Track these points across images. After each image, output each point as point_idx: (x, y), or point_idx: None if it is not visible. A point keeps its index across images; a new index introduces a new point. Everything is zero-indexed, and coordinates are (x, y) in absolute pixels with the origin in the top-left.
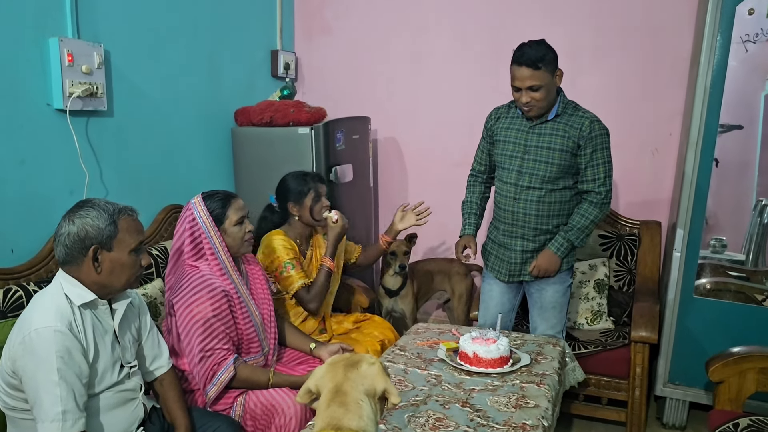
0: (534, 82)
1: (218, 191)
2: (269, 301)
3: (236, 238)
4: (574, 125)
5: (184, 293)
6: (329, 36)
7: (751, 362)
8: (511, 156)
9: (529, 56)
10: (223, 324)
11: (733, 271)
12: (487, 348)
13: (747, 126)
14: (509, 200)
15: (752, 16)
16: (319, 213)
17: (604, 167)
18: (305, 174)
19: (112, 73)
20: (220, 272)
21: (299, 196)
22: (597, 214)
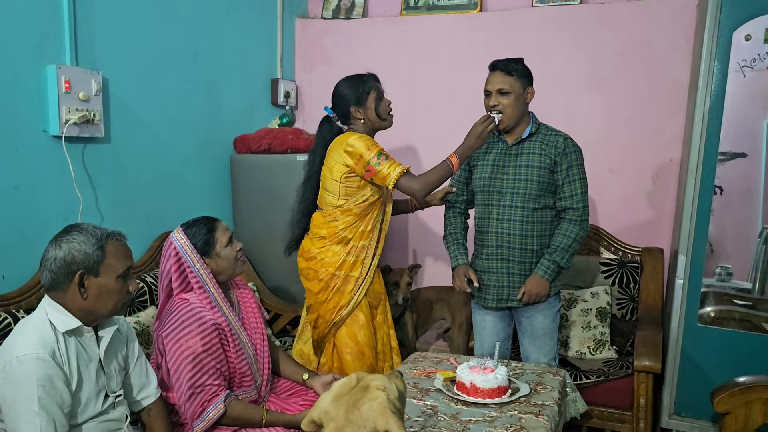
0: (503, 86)
1: (199, 218)
2: (262, 329)
3: (230, 258)
4: (549, 143)
5: (173, 327)
6: (329, 65)
7: (758, 392)
8: (491, 178)
9: (504, 63)
10: (214, 359)
11: (738, 299)
12: (484, 377)
13: (751, 154)
14: (492, 221)
15: (749, 42)
16: (385, 111)
17: (580, 183)
18: (360, 75)
19: (110, 100)
20: (209, 305)
21: (361, 98)
22: (578, 232)
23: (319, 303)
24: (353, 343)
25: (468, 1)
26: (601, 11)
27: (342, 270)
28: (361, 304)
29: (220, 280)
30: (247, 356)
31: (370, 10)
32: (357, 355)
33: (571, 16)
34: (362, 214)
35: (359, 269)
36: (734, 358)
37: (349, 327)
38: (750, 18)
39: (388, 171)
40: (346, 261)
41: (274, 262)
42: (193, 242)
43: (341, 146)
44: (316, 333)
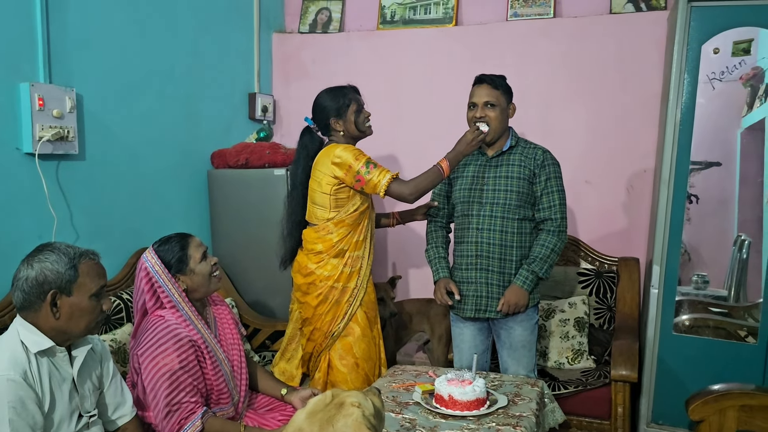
0: (491, 99)
1: (172, 235)
2: (239, 345)
3: (204, 274)
4: (528, 155)
5: (149, 344)
6: (307, 79)
7: (731, 400)
8: (471, 189)
9: (490, 77)
10: (191, 376)
11: (714, 306)
12: (462, 390)
13: (725, 163)
14: (472, 231)
15: (717, 55)
16: (363, 123)
17: (558, 194)
18: (341, 87)
19: (85, 116)
20: (184, 322)
21: (341, 110)
22: (556, 242)
23: (318, 316)
24: (349, 355)
25: (444, 15)
26: (574, 25)
27: (340, 282)
28: (356, 315)
29: (195, 297)
30: (224, 373)
31: (347, 24)
32: (352, 367)
33: (545, 30)
34: (355, 224)
35: (355, 279)
36: (709, 366)
37: (345, 339)
38: (718, 32)
39: (378, 179)
40: (344, 272)
41: (252, 277)
42: (166, 260)
43: (328, 158)
44: (311, 345)
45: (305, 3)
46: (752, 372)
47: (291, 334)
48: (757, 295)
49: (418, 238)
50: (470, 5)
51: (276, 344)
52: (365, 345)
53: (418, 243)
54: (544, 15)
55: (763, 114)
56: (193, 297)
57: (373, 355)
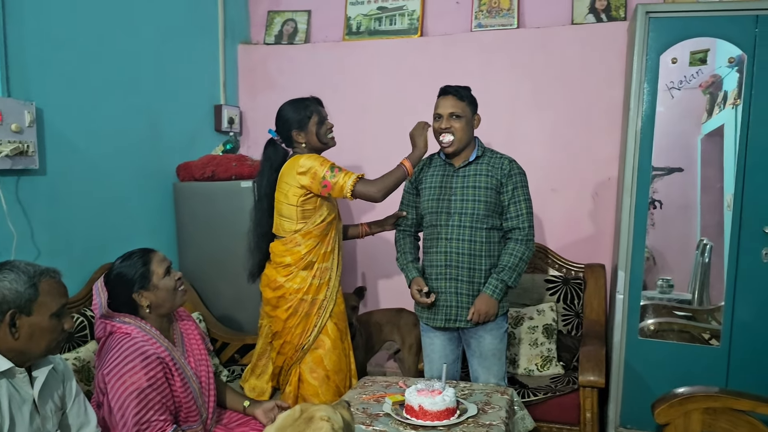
0: (456, 110)
1: (133, 251)
2: (207, 361)
3: (168, 289)
4: (495, 165)
5: (115, 363)
6: (273, 90)
7: (695, 402)
8: (438, 199)
9: (455, 88)
10: (159, 393)
11: (678, 310)
12: (432, 400)
13: (687, 168)
14: (441, 241)
15: (675, 64)
16: (325, 135)
17: (525, 203)
18: (303, 99)
19: (45, 130)
20: (150, 340)
21: (302, 122)
22: (524, 251)
23: (288, 329)
24: (320, 367)
25: (409, 26)
26: (537, 36)
27: (309, 294)
28: (326, 327)
29: (161, 312)
30: (192, 390)
31: (313, 35)
32: (323, 380)
33: (509, 41)
34: (322, 235)
35: (324, 291)
36: (675, 370)
37: (315, 351)
38: (675, 42)
39: (343, 180)
40: (312, 284)
41: (220, 290)
42: (128, 276)
43: (293, 169)
44: (281, 359)
45: (271, 14)
46: (716, 374)
47: (261, 350)
48: (720, 298)
49: (386, 249)
50: (435, 16)
51: (245, 358)
52: (336, 357)
53: (386, 253)
54: (507, 26)
55: (722, 120)
56: (158, 313)
57: (344, 367)
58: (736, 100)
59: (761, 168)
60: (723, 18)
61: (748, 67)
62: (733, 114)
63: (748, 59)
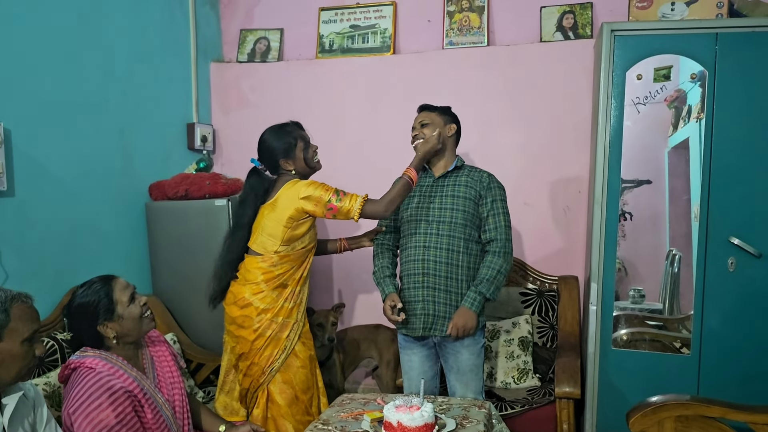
0: (425, 120)
1: (93, 280)
2: (180, 384)
3: (134, 317)
4: (474, 177)
5: (81, 401)
6: (247, 108)
7: (668, 411)
8: (417, 207)
9: (426, 104)
10: (130, 429)
11: (650, 320)
12: (411, 416)
13: (655, 180)
14: (419, 249)
15: (641, 81)
16: (312, 159)
17: (503, 216)
18: (284, 125)
19: (13, 151)
20: (117, 372)
21: (289, 150)
22: (502, 264)
23: (256, 350)
24: (288, 387)
25: (381, 44)
26: (508, 53)
27: (280, 316)
28: (295, 348)
29: (128, 341)
30: (165, 418)
31: (286, 53)
32: (292, 400)
33: (480, 58)
34: (299, 260)
35: (296, 314)
36: (648, 379)
37: (284, 372)
38: (640, 59)
39: (350, 205)
40: (285, 307)
41: (194, 310)
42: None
43: (295, 195)
44: (248, 380)
45: (243, 32)
46: (687, 382)
47: (227, 366)
48: (690, 307)
49: (363, 265)
50: (407, 34)
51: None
52: (304, 376)
53: (363, 269)
54: (478, 43)
55: (687, 134)
56: (125, 341)
57: (311, 385)
58: (699, 114)
59: (725, 179)
60: (685, 36)
61: (710, 82)
62: (697, 127)
63: (710, 75)
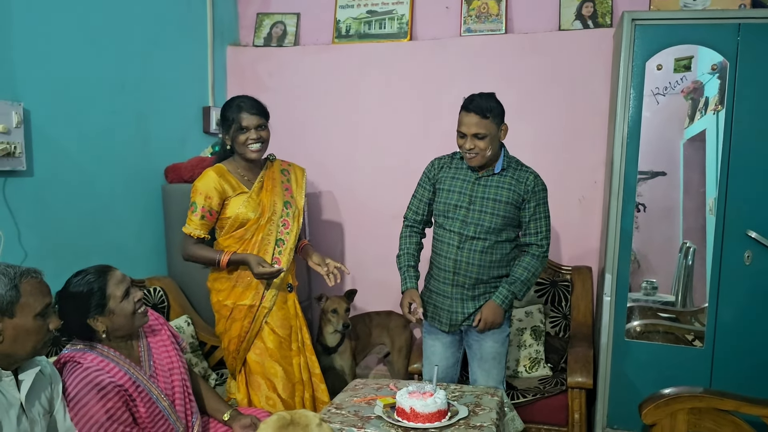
0: (480, 130)
1: (87, 270)
2: (179, 369)
3: (127, 313)
4: (520, 179)
5: (69, 397)
6: (263, 92)
7: (681, 403)
8: (456, 206)
9: (479, 104)
10: (121, 424)
11: (663, 312)
12: (424, 402)
13: (670, 172)
14: (452, 248)
15: (661, 71)
16: (241, 146)
17: (545, 221)
18: (241, 98)
19: (33, 132)
20: (107, 366)
21: (228, 125)
22: (538, 267)
23: (221, 334)
24: (260, 376)
25: (398, 30)
26: (525, 41)
27: (230, 299)
28: (262, 335)
29: (118, 335)
30: (161, 409)
31: (302, 38)
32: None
33: (497, 46)
34: (243, 240)
35: (250, 296)
36: (660, 370)
37: (254, 361)
38: (660, 49)
39: (186, 223)
40: (236, 290)
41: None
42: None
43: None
44: (227, 364)
45: (260, 16)
46: (700, 374)
47: None
48: (703, 300)
49: (376, 252)
50: (424, 21)
51: None
52: (277, 366)
53: (375, 257)
54: (496, 31)
55: (704, 126)
56: (115, 335)
57: (291, 376)
58: (717, 106)
59: (744, 172)
60: (707, 26)
61: (731, 74)
62: (715, 120)
63: (731, 66)
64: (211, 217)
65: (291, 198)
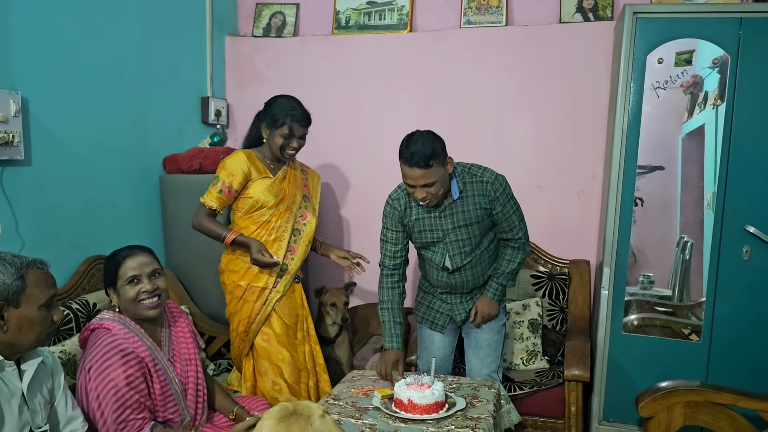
0: (428, 180)
1: (128, 247)
2: (196, 362)
3: (127, 297)
4: (478, 193)
5: (96, 358)
6: (261, 83)
7: (677, 396)
8: (433, 242)
9: (419, 157)
10: (137, 392)
11: (659, 306)
12: (421, 394)
13: (668, 167)
14: (443, 274)
15: (661, 65)
16: (278, 147)
17: (516, 215)
18: (294, 105)
19: (31, 121)
20: (133, 338)
21: (273, 123)
22: (522, 256)
23: (231, 315)
24: (266, 360)
25: (398, 22)
26: (526, 33)
27: (245, 279)
28: (271, 320)
29: (129, 315)
30: (173, 392)
31: (301, 29)
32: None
33: (497, 38)
34: (262, 222)
35: (264, 279)
36: (657, 364)
37: (260, 345)
38: (661, 43)
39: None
40: (250, 270)
41: (207, 283)
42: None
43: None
44: (234, 348)
45: (259, 7)
46: (696, 368)
47: None
48: (700, 294)
49: (373, 244)
50: (424, 12)
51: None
52: (284, 352)
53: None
54: (496, 23)
55: (703, 120)
56: (128, 315)
57: (297, 363)
58: (716, 101)
59: (743, 167)
60: (708, 20)
61: (731, 68)
62: (714, 114)
63: (732, 61)
64: (228, 194)
65: (308, 194)
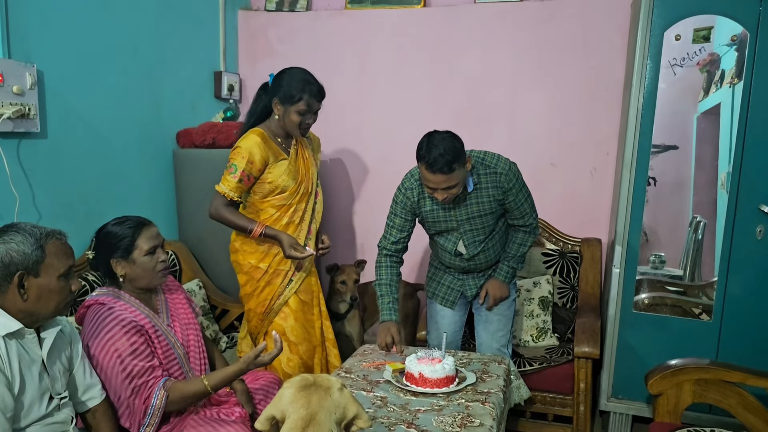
0: (450, 183)
1: (129, 218)
2: (195, 327)
3: (147, 268)
4: (492, 185)
5: (95, 332)
6: (274, 58)
7: (687, 374)
8: (447, 231)
9: (442, 163)
10: (143, 359)
11: (670, 285)
12: (432, 368)
13: (682, 146)
14: (456, 259)
15: (679, 41)
16: (292, 123)
17: (527, 202)
18: (309, 78)
19: (46, 93)
20: (129, 308)
21: (288, 99)
22: (532, 240)
23: (248, 295)
24: (282, 337)
25: None
26: (540, 8)
27: (265, 262)
28: (289, 301)
29: (137, 285)
30: (177, 356)
31: (315, 3)
32: (285, 351)
33: (512, 13)
34: (283, 206)
35: (289, 263)
36: (667, 342)
37: (277, 323)
38: (679, 19)
39: (222, 181)
40: (271, 253)
41: (220, 257)
42: (113, 242)
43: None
44: (250, 326)
45: None
46: (707, 347)
47: None
48: (711, 274)
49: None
50: None
51: None
52: (300, 328)
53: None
54: None
55: (719, 99)
56: (134, 285)
57: (312, 339)
58: (733, 79)
59: (759, 147)
60: None
61: (750, 46)
62: (731, 93)
63: (751, 37)
64: (248, 181)
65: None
